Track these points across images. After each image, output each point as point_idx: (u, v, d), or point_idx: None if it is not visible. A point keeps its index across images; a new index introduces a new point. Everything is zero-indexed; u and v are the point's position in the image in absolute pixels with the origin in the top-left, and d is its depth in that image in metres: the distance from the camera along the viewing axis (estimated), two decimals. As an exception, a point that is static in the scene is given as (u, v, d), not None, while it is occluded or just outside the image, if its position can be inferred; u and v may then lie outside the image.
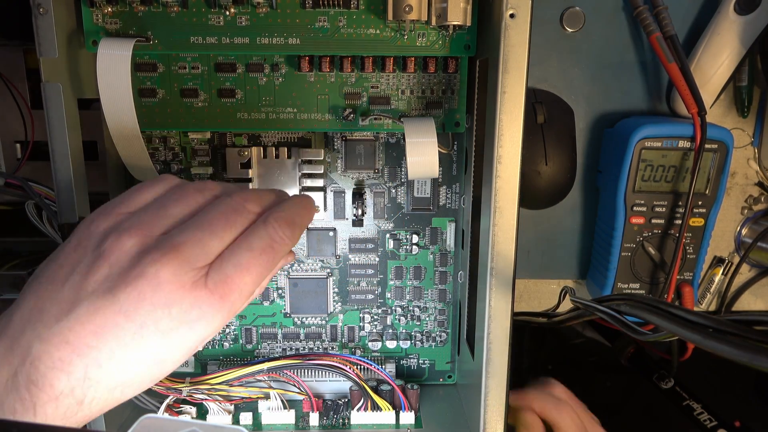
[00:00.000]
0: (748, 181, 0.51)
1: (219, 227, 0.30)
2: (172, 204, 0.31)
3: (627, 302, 0.28)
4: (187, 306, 0.28)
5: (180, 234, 0.29)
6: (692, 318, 0.24)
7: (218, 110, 0.42)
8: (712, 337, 0.22)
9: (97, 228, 0.30)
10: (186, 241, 0.29)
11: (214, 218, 0.30)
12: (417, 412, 0.45)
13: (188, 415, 0.44)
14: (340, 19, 0.39)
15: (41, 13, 0.36)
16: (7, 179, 0.41)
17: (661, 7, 0.44)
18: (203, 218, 0.30)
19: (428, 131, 0.38)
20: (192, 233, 0.29)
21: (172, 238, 0.29)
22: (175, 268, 0.28)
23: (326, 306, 0.48)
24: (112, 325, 0.27)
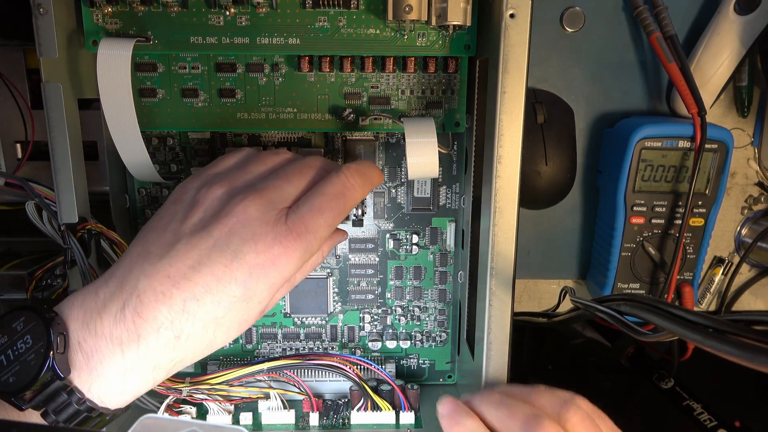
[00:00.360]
0: (748, 181, 0.51)
1: (294, 177, 0.34)
2: (253, 163, 0.36)
3: (627, 302, 0.28)
4: (270, 241, 0.32)
5: (261, 182, 0.34)
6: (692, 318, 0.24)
7: (218, 110, 0.42)
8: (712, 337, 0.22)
9: (191, 185, 0.35)
10: (267, 186, 0.33)
11: (290, 170, 0.35)
12: (417, 412, 0.45)
13: (188, 415, 0.44)
14: (340, 19, 0.39)
15: (41, 13, 0.36)
16: (7, 179, 0.41)
17: (661, 7, 0.44)
18: (282, 171, 0.35)
19: (428, 131, 0.38)
20: (272, 181, 0.34)
21: (255, 185, 0.33)
22: (260, 207, 0.32)
23: (326, 306, 0.48)
24: (206, 258, 0.31)
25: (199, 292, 0.31)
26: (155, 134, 0.45)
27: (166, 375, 0.33)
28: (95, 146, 0.45)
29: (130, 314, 0.30)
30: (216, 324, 0.32)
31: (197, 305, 0.31)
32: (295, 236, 0.32)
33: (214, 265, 0.31)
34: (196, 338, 0.32)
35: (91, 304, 0.31)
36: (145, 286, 0.31)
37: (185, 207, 0.33)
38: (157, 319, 0.30)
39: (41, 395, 0.30)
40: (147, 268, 0.31)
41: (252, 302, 0.32)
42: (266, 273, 0.32)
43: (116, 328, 0.30)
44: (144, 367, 0.31)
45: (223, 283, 0.31)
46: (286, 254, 0.32)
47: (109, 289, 0.32)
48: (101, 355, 0.31)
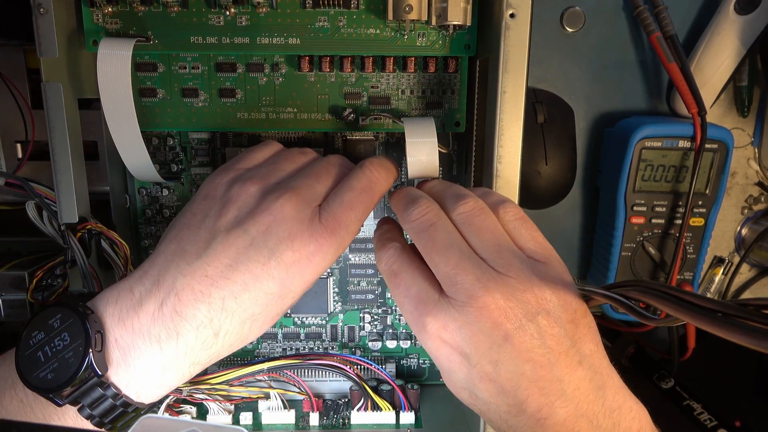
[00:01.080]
0: (748, 181, 0.51)
1: (322, 175, 0.35)
2: (283, 161, 0.36)
3: (635, 287, 0.28)
4: (306, 238, 0.32)
5: (294, 180, 0.34)
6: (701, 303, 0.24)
7: (218, 110, 0.42)
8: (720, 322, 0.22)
9: (221, 180, 0.35)
10: (300, 184, 0.34)
11: (318, 169, 0.36)
12: (417, 412, 0.45)
13: (188, 415, 0.44)
14: (340, 19, 0.39)
15: (41, 13, 0.36)
16: (8, 179, 0.41)
17: (661, 7, 0.44)
18: (310, 170, 0.36)
19: (428, 131, 0.38)
20: (303, 180, 0.34)
21: (288, 183, 0.34)
22: (295, 205, 0.33)
23: (326, 306, 0.48)
24: (244, 257, 0.31)
25: (237, 290, 0.31)
26: (155, 134, 0.45)
27: (200, 369, 0.34)
28: (95, 146, 0.45)
29: (169, 312, 0.31)
30: (252, 320, 0.32)
31: (236, 303, 0.31)
32: (329, 233, 0.33)
33: (252, 264, 0.31)
34: (234, 334, 0.32)
35: (127, 301, 0.32)
36: (183, 285, 0.31)
37: (218, 203, 0.34)
38: (197, 318, 0.31)
39: (78, 391, 0.30)
40: (184, 267, 0.32)
41: (287, 297, 0.33)
42: (302, 270, 0.32)
43: (155, 326, 0.31)
44: (182, 363, 0.32)
45: (261, 281, 0.32)
46: (321, 251, 0.33)
47: (144, 286, 0.32)
48: (139, 352, 0.31)
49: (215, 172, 0.36)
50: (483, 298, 0.29)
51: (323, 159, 0.37)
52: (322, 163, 0.36)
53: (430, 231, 0.32)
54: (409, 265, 0.33)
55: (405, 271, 0.33)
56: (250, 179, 0.34)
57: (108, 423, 0.32)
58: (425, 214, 0.33)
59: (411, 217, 0.33)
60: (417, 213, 0.33)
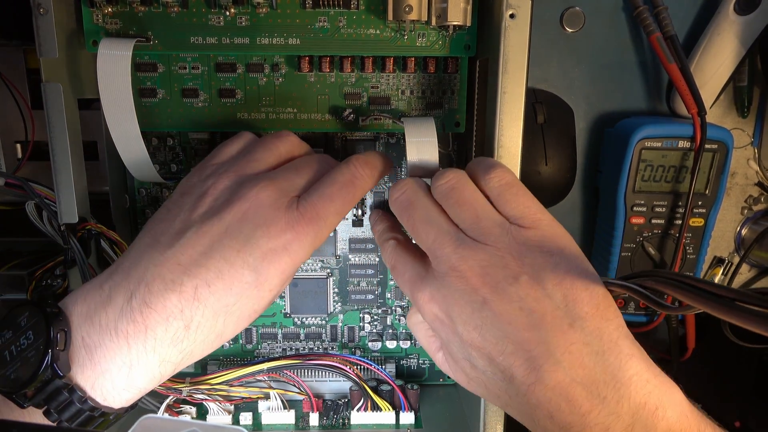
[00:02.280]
0: (748, 181, 0.51)
1: (303, 168, 0.35)
2: (259, 150, 0.35)
3: (652, 277, 0.28)
4: (283, 225, 0.32)
5: (272, 172, 0.34)
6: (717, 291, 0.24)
7: (218, 110, 0.42)
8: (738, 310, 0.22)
9: (197, 178, 0.35)
10: (277, 175, 0.34)
11: (299, 163, 0.35)
12: (417, 412, 0.45)
13: (188, 415, 0.44)
14: (340, 19, 0.39)
15: (41, 13, 0.36)
16: (7, 179, 0.41)
17: (661, 7, 0.44)
18: (290, 164, 0.35)
19: (428, 131, 0.38)
20: (281, 172, 0.34)
21: (266, 174, 0.34)
22: (271, 193, 0.32)
23: (326, 306, 0.48)
24: (218, 244, 0.31)
25: (210, 277, 0.31)
26: (155, 134, 0.45)
27: (173, 370, 0.32)
28: (95, 146, 0.45)
29: (138, 305, 0.30)
30: (226, 312, 0.31)
31: (208, 292, 0.31)
32: (307, 221, 0.32)
33: (226, 250, 0.31)
34: (206, 328, 0.31)
35: (96, 297, 0.31)
36: (154, 274, 0.30)
37: (194, 198, 0.33)
38: (167, 308, 0.30)
39: (42, 393, 0.29)
40: (156, 257, 0.31)
41: (263, 289, 0.32)
42: (279, 258, 0.32)
43: (122, 321, 0.30)
44: (151, 362, 0.31)
45: (235, 268, 0.31)
46: (299, 239, 0.32)
47: (114, 281, 0.31)
48: (105, 350, 0.30)
49: (191, 172, 0.36)
50: (460, 267, 0.30)
51: (306, 156, 0.37)
52: (304, 158, 0.36)
53: (410, 209, 0.34)
54: (402, 254, 0.35)
55: (399, 261, 0.35)
56: (225, 172, 0.34)
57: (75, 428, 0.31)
58: (404, 192, 0.34)
59: (392, 197, 0.35)
60: (397, 192, 0.35)
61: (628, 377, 0.27)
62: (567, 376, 0.27)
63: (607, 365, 0.28)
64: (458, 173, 0.34)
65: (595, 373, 0.27)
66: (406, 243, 0.36)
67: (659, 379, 0.28)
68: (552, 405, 0.27)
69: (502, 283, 0.29)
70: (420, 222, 0.33)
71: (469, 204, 0.32)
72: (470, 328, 0.30)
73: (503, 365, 0.29)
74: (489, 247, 0.30)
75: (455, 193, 0.33)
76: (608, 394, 0.27)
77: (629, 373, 0.27)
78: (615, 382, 0.27)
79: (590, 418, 0.27)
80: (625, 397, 0.27)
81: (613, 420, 0.27)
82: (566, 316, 0.28)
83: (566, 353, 0.28)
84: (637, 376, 0.28)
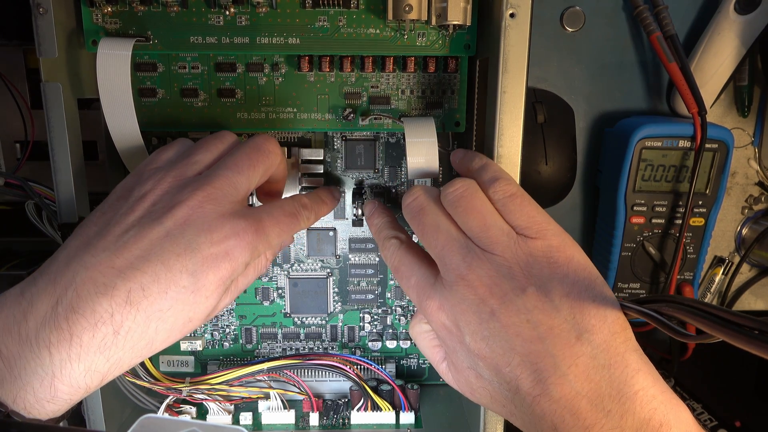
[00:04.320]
0: (749, 181, 0.51)
1: (244, 166, 0.34)
2: (197, 152, 0.34)
3: (669, 303, 0.27)
4: (227, 231, 0.31)
5: (211, 173, 0.33)
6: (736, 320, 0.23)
7: (218, 110, 0.42)
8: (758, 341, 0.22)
9: (134, 180, 0.33)
10: (218, 177, 0.32)
11: (238, 159, 0.34)
12: (417, 412, 0.45)
13: (188, 415, 0.44)
14: (340, 18, 0.39)
15: (41, 13, 0.36)
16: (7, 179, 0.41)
17: (661, 7, 0.44)
18: (229, 159, 0.34)
19: (428, 131, 0.38)
20: (222, 172, 0.33)
21: (205, 176, 0.32)
22: (214, 198, 0.31)
23: (326, 306, 0.48)
24: (158, 248, 0.30)
25: (146, 281, 0.29)
26: (155, 134, 0.45)
27: (100, 381, 0.30)
28: (95, 146, 0.45)
29: (64, 311, 0.28)
30: (159, 318, 0.30)
31: (142, 295, 0.29)
32: (252, 231, 0.32)
33: (166, 254, 0.30)
34: (136, 334, 0.30)
35: (14, 306, 0.29)
36: (84, 278, 0.29)
37: (131, 201, 0.32)
38: (96, 313, 0.28)
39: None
40: (88, 260, 0.29)
41: (199, 295, 0.31)
42: (218, 264, 0.31)
43: (44, 329, 0.28)
44: (75, 371, 0.29)
45: (173, 272, 0.30)
46: (240, 247, 0.32)
47: (37, 287, 0.29)
48: (25, 361, 0.28)
49: (127, 176, 0.35)
50: (468, 276, 0.30)
51: (245, 143, 0.35)
52: (244, 149, 0.35)
53: (420, 215, 0.34)
54: (406, 256, 0.35)
55: (404, 263, 0.34)
56: (165, 175, 0.33)
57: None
58: (416, 199, 0.35)
59: (404, 203, 0.36)
60: (409, 199, 0.35)
61: (634, 392, 0.27)
62: (572, 389, 0.27)
63: (613, 379, 0.27)
64: (467, 182, 0.34)
65: (600, 387, 0.27)
66: (409, 244, 0.36)
67: (666, 396, 0.28)
68: (556, 417, 0.27)
69: (509, 294, 0.29)
70: (430, 228, 0.33)
71: (477, 212, 0.32)
72: (478, 339, 0.30)
73: (509, 377, 0.29)
74: (496, 257, 0.30)
75: (464, 202, 0.33)
76: (613, 407, 0.27)
77: (635, 388, 0.27)
78: (620, 396, 0.27)
79: (594, 431, 0.27)
80: (629, 411, 0.27)
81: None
82: (573, 328, 0.28)
83: (572, 366, 0.28)
84: (643, 392, 0.27)
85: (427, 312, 0.32)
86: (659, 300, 0.28)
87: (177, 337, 0.32)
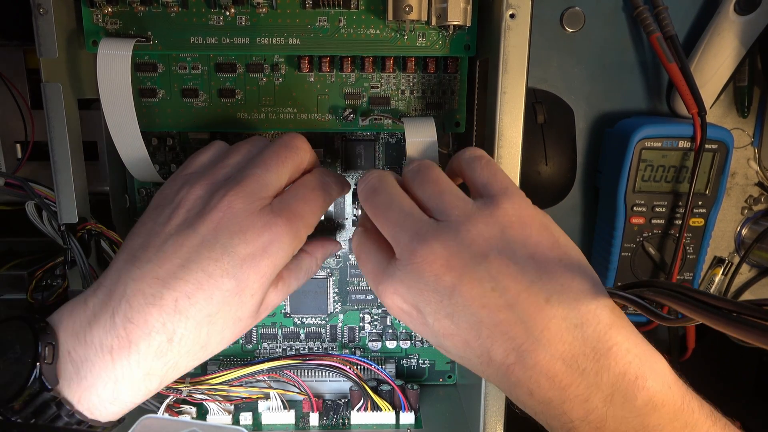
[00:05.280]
0: (748, 182, 0.51)
1: (273, 164, 0.34)
2: (229, 155, 0.35)
3: (651, 288, 0.27)
4: (259, 228, 0.31)
5: (240, 173, 0.33)
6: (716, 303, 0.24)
7: (218, 110, 0.42)
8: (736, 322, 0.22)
9: (170, 189, 0.34)
10: (246, 176, 0.33)
11: (266, 157, 0.34)
12: (417, 412, 0.45)
13: (188, 415, 0.44)
14: (340, 19, 0.39)
15: (41, 13, 0.36)
16: (7, 179, 0.41)
17: (661, 7, 0.44)
18: (258, 158, 0.34)
19: (428, 131, 0.38)
20: (251, 171, 0.33)
21: (234, 177, 0.33)
22: (243, 198, 0.32)
23: (326, 306, 0.48)
24: (196, 255, 0.31)
25: (190, 289, 0.30)
26: (155, 134, 0.45)
27: (159, 384, 0.32)
28: (95, 146, 0.45)
29: (121, 321, 0.30)
30: (209, 322, 0.31)
31: (189, 303, 0.30)
32: (283, 221, 0.32)
33: (204, 261, 0.30)
34: (190, 339, 0.31)
35: (81, 314, 0.31)
36: (134, 290, 0.30)
37: (168, 210, 0.33)
38: (149, 323, 0.30)
39: (30, 407, 0.29)
40: (134, 273, 0.31)
41: (244, 295, 0.32)
42: (257, 263, 0.31)
43: (107, 337, 0.30)
44: (135, 375, 0.30)
45: (214, 278, 0.31)
46: (277, 240, 0.32)
47: (98, 298, 0.31)
48: (91, 365, 0.30)
49: (164, 184, 0.35)
50: (421, 252, 0.28)
51: (273, 143, 0.35)
52: (272, 147, 0.35)
53: (372, 197, 0.33)
54: (365, 243, 0.34)
55: (363, 251, 0.34)
56: (197, 181, 0.33)
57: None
58: (368, 182, 0.34)
59: (358, 188, 0.34)
60: (362, 183, 0.34)
61: (608, 348, 0.27)
62: (546, 354, 0.27)
63: (586, 337, 0.27)
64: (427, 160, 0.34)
65: (574, 347, 0.27)
66: (371, 230, 0.34)
67: (640, 348, 0.27)
68: (532, 383, 0.27)
69: (470, 264, 0.28)
70: (381, 207, 0.32)
71: (433, 181, 0.31)
72: (441, 317, 0.28)
73: (480, 350, 0.28)
74: (452, 224, 0.29)
75: (421, 174, 0.32)
76: (588, 366, 0.26)
77: (609, 344, 0.27)
78: (594, 354, 0.26)
79: (570, 391, 0.26)
80: (604, 368, 0.26)
81: (593, 391, 0.26)
82: (542, 291, 0.27)
83: (545, 330, 0.27)
84: (617, 346, 0.27)
85: (382, 299, 0.31)
86: (642, 285, 0.28)
87: (231, 338, 0.33)
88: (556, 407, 0.27)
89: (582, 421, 0.27)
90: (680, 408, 0.27)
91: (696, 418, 0.27)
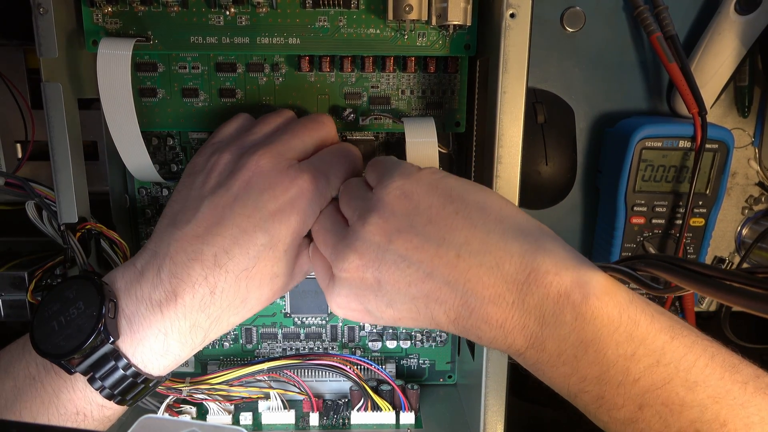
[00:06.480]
0: (749, 181, 0.51)
1: (299, 132, 0.37)
2: (257, 126, 0.37)
3: (643, 260, 0.28)
4: (287, 184, 0.34)
5: (269, 138, 0.36)
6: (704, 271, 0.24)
7: (218, 110, 0.42)
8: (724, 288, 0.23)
9: (201, 158, 0.37)
10: (274, 140, 0.36)
11: (295, 126, 0.37)
12: (417, 412, 0.45)
13: (188, 415, 0.44)
14: (340, 18, 0.39)
15: (41, 13, 0.36)
16: (7, 179, 0.41)
17: (661, 7, 0.44)
18: (287, 127, 0.37)
19: (428, 131, 0.38)
20: (279, 136, 0.36)
21: (263, 141, 0.36)
22: (271, 158, 0.34)
23: (326, 306, 0.48)
24: (230, 212, 0.33)
25: (227, 244, 0.33)
26: (155, 134, 0.45)
27: (203, 338, 0.34)
28: (95, 146, 0.45)
29: (167, 276, 0.33)
30: (247, 276, 0.33)
31: (227, 257, 0.33)
32: (309, 177, 0.34)
33: (238, 218, 0.33)
34: (230, 293, 0.33)
35: (131, 273, 0.34)
36: (176, 248, 0.33)
37: (201, 177, 0.35)
38: (191, 277, 0.32)
39: (89, 360, 0.31)
40: (176, 233, 0.33)
41: (278, 249, 0.34)
42: (287, 217, 0.34)
43: (155, 291, 0.32)
44: (183, 327, 0.33)
45: (248, 233, 0.33)
46: (303, 196, 0.34)
47: (144, 259, 0.34)
48: (142, 318, 0.32)
49: (195, 154, 0.38)
50: (341, 265, 0.31)
51: (302, 117, 0.38)
52: (301, 119, 0.38)
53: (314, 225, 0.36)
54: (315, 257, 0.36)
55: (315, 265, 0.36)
56: (227, 146, 0.36)
57: (117, 395, 0.33)
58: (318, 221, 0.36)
59: None
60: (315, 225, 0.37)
61: (527, 274, 0.28)
62: (476, 301, 0.29)
63: (506, 273, 0.28)
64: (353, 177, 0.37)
65: (498, 287, 0.28)
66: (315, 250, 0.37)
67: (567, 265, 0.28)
68: (475, 329, 0.29)
69: (379, 254, 0.30)
70: (314, 229, 0.35)
71: (345, 192, 0.35)
72: (384, 308, 0.31)
73: (427, 320, 0.31)
74: (354, 228, 0.31)
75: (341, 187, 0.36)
76: (513, 298, 0.28)
77: (527, 270, 0.28)
78: (516, 285, 0.28)
79: (507, 325, 0.29)
80: (528, 293, 0.28)
81: (526, 318, 0.28)
82: (450, 248, 0.29)
83: (467, 282, 0.29)
84: (535, 272, 0.28)
85: (335, 312, 0.34)
86: (634, 258, 0.29)
87: (270, 295, 0.35)
88: (502, 342, 0.29)
89: (528, 348, 0.29)
90: (617, 320, 0.27)
91: (644, 332, 0.27)
